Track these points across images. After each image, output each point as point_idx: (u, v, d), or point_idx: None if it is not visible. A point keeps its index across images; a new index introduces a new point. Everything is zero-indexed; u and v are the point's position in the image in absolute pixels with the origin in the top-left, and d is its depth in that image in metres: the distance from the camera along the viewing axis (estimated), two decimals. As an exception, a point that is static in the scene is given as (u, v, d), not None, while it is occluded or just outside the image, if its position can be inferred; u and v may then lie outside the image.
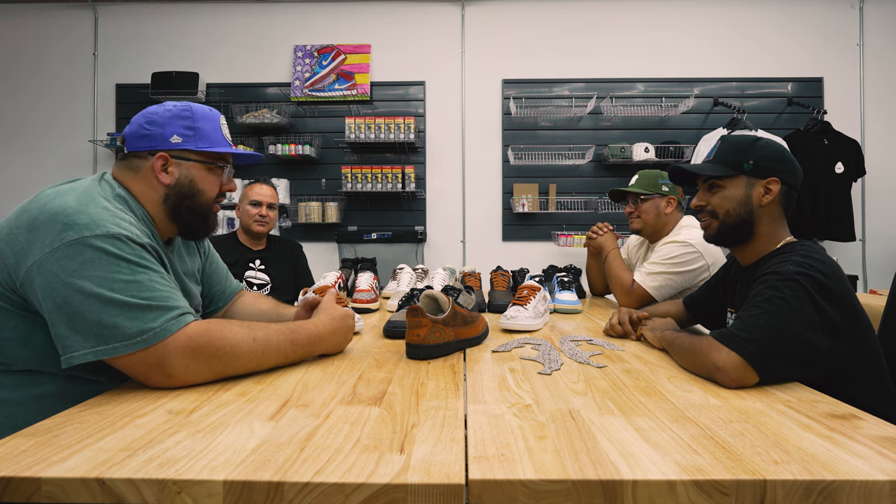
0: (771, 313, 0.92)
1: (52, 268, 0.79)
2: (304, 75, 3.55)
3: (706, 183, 1.18)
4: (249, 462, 0.58)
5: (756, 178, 1.11)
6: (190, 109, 1.00)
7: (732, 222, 1.13)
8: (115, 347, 0.79)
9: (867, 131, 3.47)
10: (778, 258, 1.03)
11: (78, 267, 0.79)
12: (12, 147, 3.62)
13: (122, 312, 0.79)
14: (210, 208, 1.05)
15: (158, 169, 0.97)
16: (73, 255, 0.79)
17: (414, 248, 3.46)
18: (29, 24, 3.63)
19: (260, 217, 2.30)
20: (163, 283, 0.86)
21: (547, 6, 3.56)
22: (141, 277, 0.82)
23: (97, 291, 0.78)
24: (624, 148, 3.35)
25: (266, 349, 0.93)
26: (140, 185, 0.98)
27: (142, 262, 0.84)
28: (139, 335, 0.79)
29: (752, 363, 0.87)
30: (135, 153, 0.98)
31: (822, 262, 0.97)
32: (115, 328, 0.78)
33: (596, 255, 2.16)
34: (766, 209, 1.11)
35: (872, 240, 3.45)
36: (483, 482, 0.55)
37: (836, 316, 0.94)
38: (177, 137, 0.98)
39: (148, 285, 0.82)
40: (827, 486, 0.55)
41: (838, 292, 0.95)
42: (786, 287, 0.94)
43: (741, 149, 1.13)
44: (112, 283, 0.79)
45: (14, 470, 0.55)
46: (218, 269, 1.27)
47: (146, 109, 1.01)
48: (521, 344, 1.21)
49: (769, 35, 3.50)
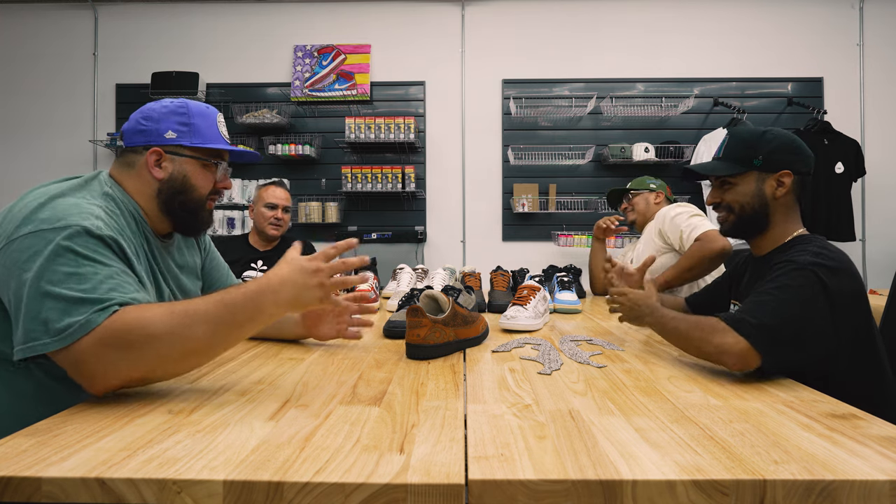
0: (781, 300, 0.92)
1: (6, 261, 0.79)
2: (304, 75, 3.55)
3: (718, 180, 1.18)
4: (249, 462, 0.58)
5: (767, 173, 1.11)
6: (186, 106, 1.00)
7: (748, 216, 1.14)
8: (45, 343, 0.73)
9: (867, 131, 3.47)
10: (795, 248, 1.04)
11: (26, 259, 0.78)
12: (12, 147, 3.62)
13: (56, 305, 0.74)
14: (203, 204, 1.04)
15: (152, 164, 0.98)
16: (24, 247, 0.79)
17: (414, 248, 3.46)
18: (29, 24, 3.63)
19: (275, 220, 2.29)
20: (107, 274, 0.78)
21: (547, 6, 3.56)
22: (84, 270, 0.77)
23: (37, 284, 0.75)
24: (624, 148, 3.35)
25: (189, 320, 0.76)
26: (134, 179, 0.99)
27: (90, 254, 0.79)
28: (64, 330, 0.73)
29: (758, 347, 0.88)
30: (131, 148, 0.99)
31: (836, 257, 0.98)
32: (45, 323, 0.74)
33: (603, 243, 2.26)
34: (781, 200, 1.12)
35: (872, 240, 3.45)
36: (483, 482, 0.55)
37: (844, 310, 0.94)
38: (171, 133, 0.98)
39: (89, 278, 0.76)
40: (827, 486, 0.55)
41: (851, 286, 0.96)
42: (800, 276, 0.94)
43: (749, 144, 1.13)
44: (52, 274, 0.76)
45: (14, 470, 0.55)
46: (219, 267, 1.27)
47: (144, 106, 1.01)
48: (521, 344, 1.21)
49: (769, 35, 3.50)
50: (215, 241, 1.29)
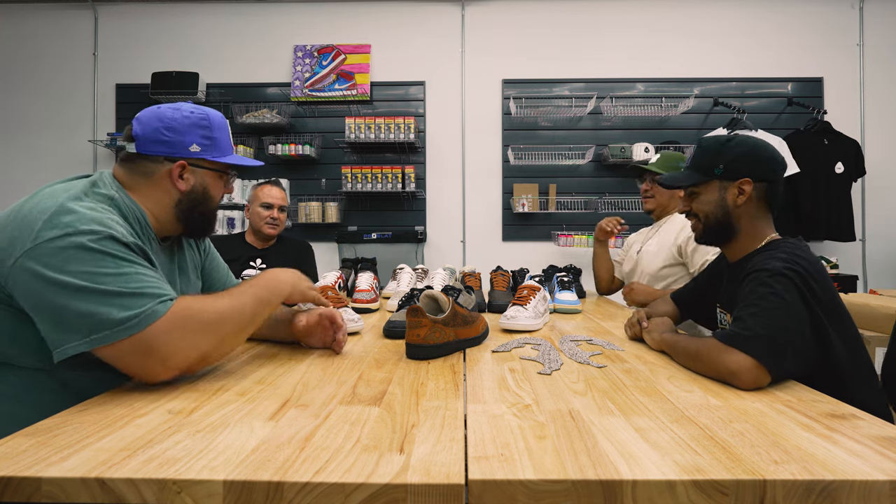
0: (768, 310, 0.92)
1: (35, 265, 0.79)
2: (304, 75, 3.55)
3: (686, 190, 1.20)
4: (249, 462, 0.58)
5: (728, 181, 1.13)
6: (207, 118, 1.03)
7: (712, 224, 1.16)
8: (107, 335, 0.78)
9: (867, 131, 3.47)
10: (764, 255, 1.03)
11: (61, 263, 0.79)
12: (12, 147, 3.62)
13: (111, 301, 0.79)
14: (216, 211, 1.11)
15: (176, 176, 1.00)
16: (56, 252, 0.79)
17: (414, 248, 3.46)
18: (29, 24, 3.63)
19: (271, 220, 2.28)
20: (150, 275, 0.85)
21: (547, 6, 3.56)
22: (127, 270, 0.82)
23: (84, 284, 0.78)
24: (624, 148, 3.35)
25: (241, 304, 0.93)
26: (150, 188, 0.99)
27: (126, 257, 0.84)
28: (129, 320, 0.79)
29: (765, 363, 0.87)
30: (148, 157, 0.99)
31: (806, 259, 0.99)
32: (104, 316, 0.78)
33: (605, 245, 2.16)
34: (744, 208, 1.12)
35: (872, 240, 3.45)
36: (483, 482, 0.55)
37: (821, 311, 0.95)
38: (196, 146, 1.01)
39: (135, 277, 0.82)
40: (827, 486, 0.55)
41: (823, 289, 0.97)
42: (776, 282, 0.94)
43: (712, 153, 1.15)
44: (98, 276, 0.80)
45: (14, 470, 0.55)
46: (218, 267, 1.28)
47: (160, 112, 1.00)
48: (521, 344, 1.21)
49: (769, 35, 3.50)
50: (213, 240, 1.30)
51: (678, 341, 1.07)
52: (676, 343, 1.07)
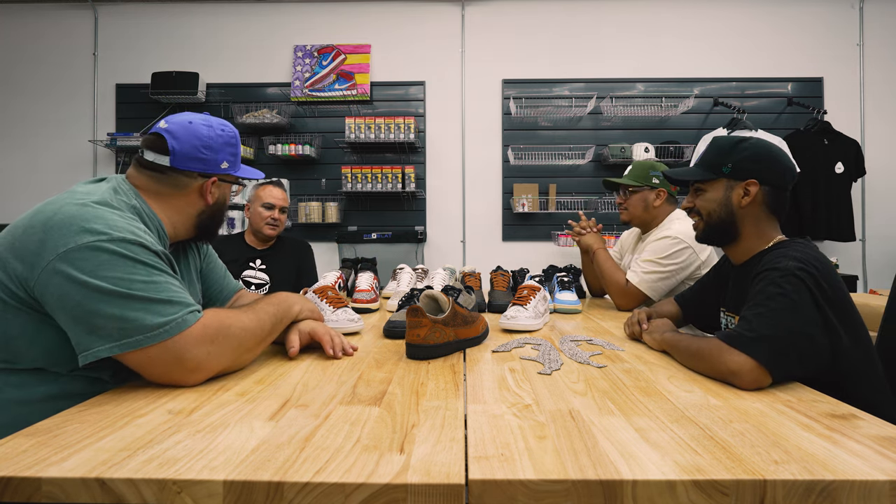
0: (776, 311, 0.91)
1: (68, 268, 0.80)
2: (304, 75, 3.55)
3: (692, 186, 1.20)
4: (249, 462, 0.58)
5: (735, 181, 1.12)
6: (235, 137, 1.09)
7: (715, 223, 1.15)
8: (139, 340, 0.80)
9: (867, 131, 3.47)
10: (774, 254, 1.02)
11: (94, 268, 0.80)
12: (12, 147, 3.62)
13: (143, 307, 0.81)
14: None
15: (208, 190, 1.05)
16: (89, 257, 0.81)
17: (414, 248, 3.47)
18: (29, 24, 3.63)
19: (272, 220, 2.27)
20: (178, 285, 0.89)
21: (547, 6, 3.56)
22: (157, 279, 0.85)
23: (116, 290, 0.80)
24: (624, 148, 3.35)
25: (261, 321, 0.99)
26: (177, 199, 1.03)
27: (157, 265, 0.87)
28: (161, 326, 0.81)
29: (766, 365, 0.87)
30: (182, 171, 1.02)
31: (818, 260, 0.97)
32: (136, 321, 0.80)
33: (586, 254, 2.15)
34: (748, 210, 1.12)
35: (872, 240, 3.45)
36: (483, 482, 0.55)
37: (832, 312, 0.94)
38: (225, 164, 1.07)
39: (164, 286, 0.85)
40: (827, 486, 0.55)
41: (834, 289, 0.95)
42: (786, 283, 0.93)
43: (722, 151, 1.14)
44: (130, 283, 0.82)
45: (14, 470, 0.55)
46: (216, 269, 1.28)
47: (196, 129, 1.02)
48: (521, 344, 1.21)
49: (769, 35, 3.50)
50: None
51: (680, 340, 1.07)
52: (678, 342, 1.07)
